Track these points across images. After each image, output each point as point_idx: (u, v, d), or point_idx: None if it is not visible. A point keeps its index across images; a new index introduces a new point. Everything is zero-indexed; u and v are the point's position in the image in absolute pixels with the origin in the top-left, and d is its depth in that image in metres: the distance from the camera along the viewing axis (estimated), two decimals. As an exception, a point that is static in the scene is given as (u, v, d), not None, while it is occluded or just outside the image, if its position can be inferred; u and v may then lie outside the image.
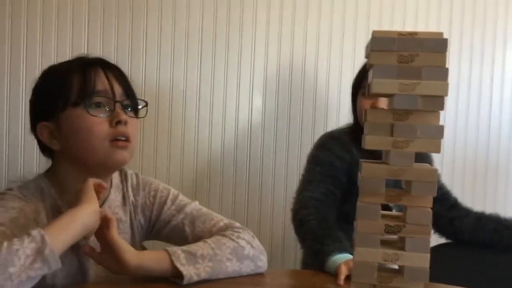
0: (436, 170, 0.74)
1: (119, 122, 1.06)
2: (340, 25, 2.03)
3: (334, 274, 1.27)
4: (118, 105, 1.08)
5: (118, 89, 1.10)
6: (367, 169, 0.76)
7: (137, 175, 1.24)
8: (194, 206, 1.22)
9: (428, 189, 0.74)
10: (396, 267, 0.80)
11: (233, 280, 1.14)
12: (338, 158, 1.61)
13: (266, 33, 1.98)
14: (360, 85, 1.63)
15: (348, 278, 1.23)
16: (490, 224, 1.65)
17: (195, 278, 1.05)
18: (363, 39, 2.02)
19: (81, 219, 0.94)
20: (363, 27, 2.03)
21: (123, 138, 1.07)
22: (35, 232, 0.87)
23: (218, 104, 1.97)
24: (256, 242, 1.18)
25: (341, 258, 1.30)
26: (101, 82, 1.08)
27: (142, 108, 1.16)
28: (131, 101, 1.13)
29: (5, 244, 0.85)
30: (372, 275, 0.77)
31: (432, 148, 0.74)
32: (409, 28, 2.07)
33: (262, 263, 1.18)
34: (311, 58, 2.02)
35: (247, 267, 1.15)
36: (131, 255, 1.01)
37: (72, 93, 1.06)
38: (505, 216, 1.66)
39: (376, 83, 0.74)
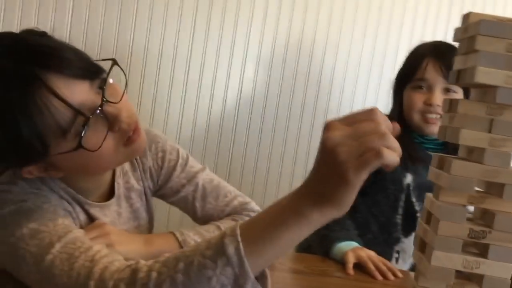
0: (533, 175, 0.68)
1: (122, 129, 0.82)
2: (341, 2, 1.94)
3: (341, 262, 1.22)
4: (105, 106, 0.79)
5: (85, 90, 0.77)
6: (459, 167, 0.68)
7: None
8: (205, 176, 1.08)
9: (522, 194, 0.68)
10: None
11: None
12: None
13: (265, 5, 1.86)
14: (410, 77, 1.46)
15: (355, 266, 1.19)
16: None
17: None
18: (364, 17, 1.94)
19: (309, 230, 0.63)
20: (364, 4, 1.95)
21: (131, 133, 0.84)
22: (231, 250, 0.63)
23: (209, 69, 1.84)
24: None
25: (348, 246, 1.25)
26: (75, 90, 0.76)
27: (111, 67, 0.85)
28: (102, 77, 0.82)
29: (196, 262, 0.64)
30: (448, 282, 0.70)
31: (530, 150, 0.67)
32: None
33: None
34: (309, 34, 1.92)
35: None
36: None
37: (47, 136, 0.75)
38: None
39: (482, 72, 0.66)
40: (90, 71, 0.80)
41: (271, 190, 1.94)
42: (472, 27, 0.68)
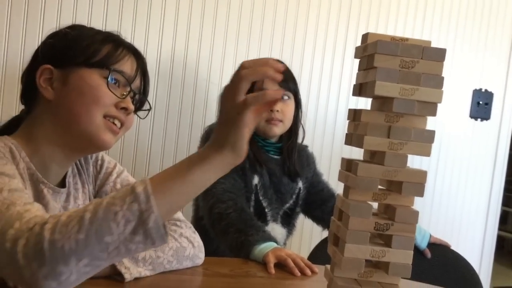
0: (425, 172, 0.79)
1: (124, 109, 1.02)
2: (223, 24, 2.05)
3: (262, 263, 1.30)
4: (131, 95, 1.06)
5: (137, 83, 1.08)
6: (364, 169, 0.77)
7: None
8: None
9: (417, 190, 0.78)
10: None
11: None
12: None
13: (146, 26, 1.92)
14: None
15: (276, 265, 1.28)
16: None
17: (136, 276, 1.05)
18: (244, 39, 2.07)
19: (213, 173, 0.76)
20: (246, 26, 2.08)
21: (118, 125, 1.02)
22: (139, 189, 0.71)
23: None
24: (197, 239, 1.19)
25: (267, 247, 1.33)
26: (130, 66, 1.05)
27: (144, 110, 1.14)
28: (141, 100, 1.11)
29: (105, 202, 0.71)
30: (359, 270, 0.80)
31: (423, 152, 0.78)
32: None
33: (200, 260, 1.21)
34: (193, 54, 2.01)
35: (185, 266, 1.16)
36: None
37: (98, 55, 1.01)
38: None
39: (380, 85, 0.76)
40: (146, 86, 1.11)
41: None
42: (371, 47, 0.78)
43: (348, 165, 0.82)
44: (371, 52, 0.77)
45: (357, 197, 0.80)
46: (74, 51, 1.01)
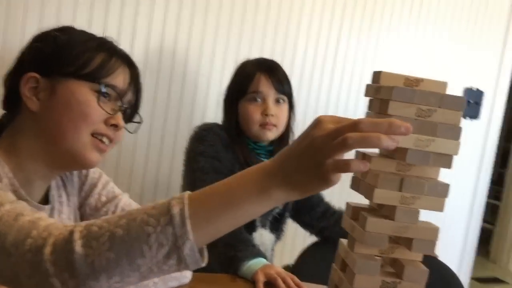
0: (438, 229, 0.73)
1: (114, 126, 0.95)
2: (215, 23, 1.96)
3: (251, 280, 1.26)
4: (121, 109, 0.98)
5: (129, 96, 1.01)
6: (373, 224, 0.72)
7: None
8: (125, 200, 1.11)
9: (428, 247, 0.73)
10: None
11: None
12: (223, 153, 1.54)
13: (134, 17, 1.82)
14: (244, 91, 1.57)
15: (265, 284, 1.24)
16: None
17: None
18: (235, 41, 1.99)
19: (268, 208, 0.67)
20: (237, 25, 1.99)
21: (107, 142, 0.94)
22: (175, 210, 0.64)
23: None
24: None
25: (257, 264, 1.29)
26: (122, 78, 0.97)
27: (135, 122, 1.06)
28: (132, 113, 1.04)
29: (138, 219, 0.64)
30: (363, 330, 0.75)
31: (436, 207, 0.73)
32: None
33: (187, 279, 1.16)
34: (182, 51, 1.92)
35: (170, 286, 1.11)
36: None
37: (89, 66, 0.93)
38: None
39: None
40: (138, 98, 1.05)
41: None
42: (385, 91, 0.71)
43: (355, 213, 0.77)
44: (385, 97, 0.71)
45: (363, 250, 0.74)
46: (64, 59, 0.92)
